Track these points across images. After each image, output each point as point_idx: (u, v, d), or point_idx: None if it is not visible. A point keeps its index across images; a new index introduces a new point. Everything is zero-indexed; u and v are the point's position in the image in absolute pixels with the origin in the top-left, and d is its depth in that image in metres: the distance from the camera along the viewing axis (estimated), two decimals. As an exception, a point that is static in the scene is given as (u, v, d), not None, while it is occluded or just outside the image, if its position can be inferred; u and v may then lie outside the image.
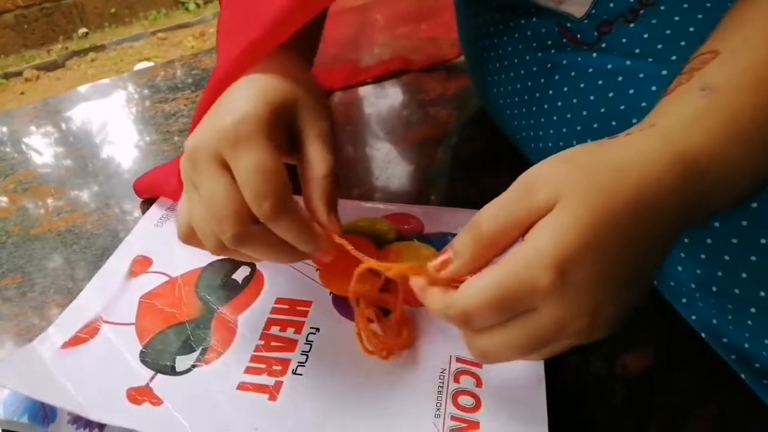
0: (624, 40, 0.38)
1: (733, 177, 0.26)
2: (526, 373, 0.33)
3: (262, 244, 0.31)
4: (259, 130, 0.29)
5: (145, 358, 0.35)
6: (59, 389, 0.32)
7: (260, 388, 0.33)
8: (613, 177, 0.25)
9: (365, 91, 0.69)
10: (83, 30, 3.11)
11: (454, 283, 0.28)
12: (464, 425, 0.31)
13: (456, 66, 0.74)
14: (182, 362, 0.34)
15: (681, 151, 0.26)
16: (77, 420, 0.32)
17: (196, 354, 0.35)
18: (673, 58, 0.36)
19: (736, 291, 0.34)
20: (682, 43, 0.36)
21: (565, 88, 0.41)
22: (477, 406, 0.32)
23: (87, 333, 0.36)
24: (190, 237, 0.33)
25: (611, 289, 0.25)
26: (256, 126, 0.29)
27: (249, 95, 0.31)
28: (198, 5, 3.35)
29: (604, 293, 0.25)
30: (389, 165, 0.57)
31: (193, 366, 0.34)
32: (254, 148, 0.29)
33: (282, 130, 0.32)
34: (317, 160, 0.32)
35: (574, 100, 0.40)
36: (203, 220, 0.31)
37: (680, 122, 0.26)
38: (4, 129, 0.64)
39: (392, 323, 0.36)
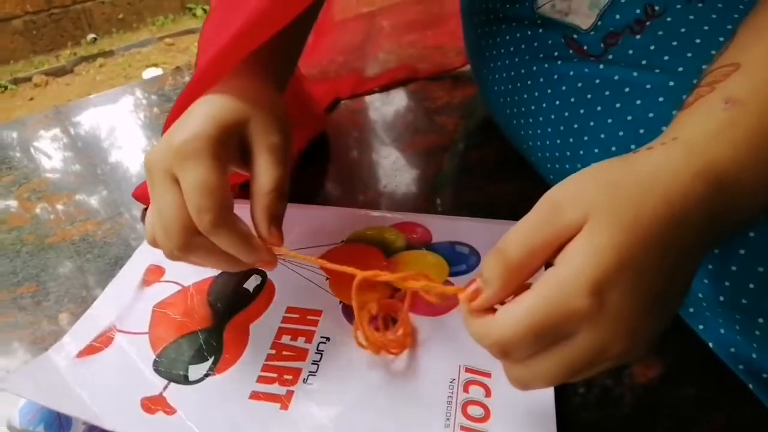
0: (630, 52, 0.39)
1: (757, 188, 0.26)
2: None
3: (205, 253, 0.33)
4: (206, 148, 0.32)
5: (158, 368, 0.35)
6: (74, 398, 0.33)
7: (272, 397, 0.33)
8: (639, 191, 0.25)
9: (372, 98, 0.70)
10: (92, 36, 3.13)
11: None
12: (473, 435, 0.31)
13: (462, 74, 0.75)
14: (195, 371, 0.35)
15: (705, 162, 0.26)
16: (92, 429, 0.32)
17: (208, 363, 0.35)
18: (680, 69, 0.36)
19: (744, 301, 0.34)
20: (689, 55, 0.37)
21: (572, 99, 0.41)
22: (486, 416, 0.32)
23: (101, 342, 0.37)
24: (153, 243, 0.35)
25: (648, 307, 0.24)
26: (203, 144, 0.32)
27: (202, 114, 0.33)
28: (205, 10, 3.37)
29: (642, 312, 0.24)
30: (396, 173, 0.57)
31: (206, 375, 0.35)
32: (199, 166, 0.31)
33: (233, 147, 0.34)
34: (263, 175, 0.34)
35: (581, 111, 0.40)
36: (158, 230, 0.33)
37: (703, 134, 0.27)
38: (17, 137, 0.65)
39: (396, 327, 0.36)
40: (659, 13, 0.39)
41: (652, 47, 0.38)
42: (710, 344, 0.37)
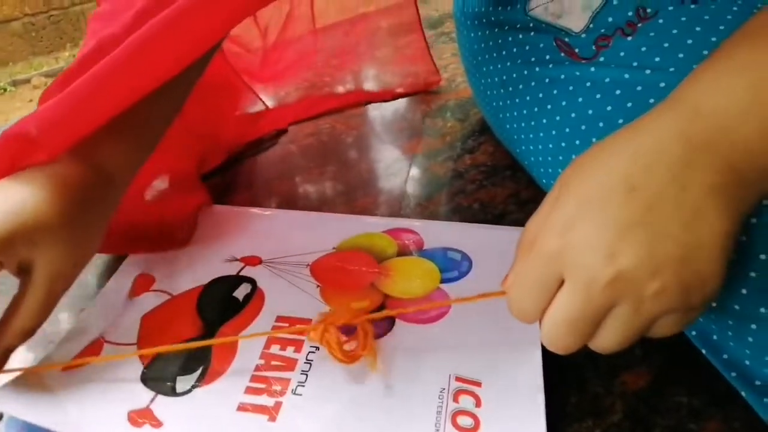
0: (622, 54, 0.38)
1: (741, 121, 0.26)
2: (525, 393, 0.34)
3: None
4: None
5: (146, 379, 0.35)
6: (60, 413, 0.33)
7: (260, 408, 0.33)
8: (600, 146, 0.28)
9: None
10: (90, 37, 3.13)
11: None
12: (462, 446, 0.31)
13: (457, 76, 0.74)
14: (183, 383, 0.35)
15: (679, 98, 0.27)
16: (79, 442, 0.32)
17: (196, 374, 0.35)
18: (672, 69, 0.36)
19: (736, 307, 0.34)
20: (680, 55, 0.36)
21: (563, 103, 0.41)
22: (476, 427, 0.32)
23: (88, 354, 0.37)
24: None
25: (651, 237, 0.25)
26: None
27: None
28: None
29: (645, 243, 0.25)
30: (389, 177, 0.57)
31: (194, 387, 0.34)
32: None
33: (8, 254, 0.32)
34: (26, 313, 0.33)
35: (573, 114, 0.40)
36: None
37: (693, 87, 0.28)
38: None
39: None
40: (651, 15, 0.38)
41: (643, 49, 0.37)
42: (703, 351, 0.37)
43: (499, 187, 0.54)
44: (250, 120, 0.65)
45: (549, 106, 0.42)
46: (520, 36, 0.45)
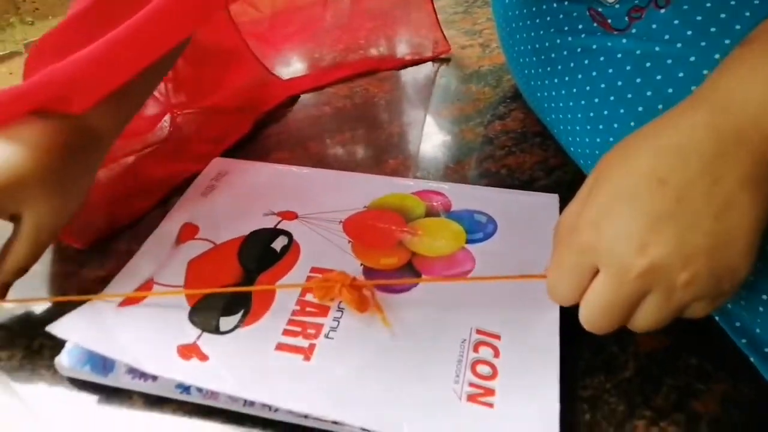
0: (654, 26, 0.39)
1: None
2: (541, 347, 0.36)
3: None
4: None
5: (192, 318, 0.38)
6: (117, 343, 0.36)
7: (295, 349, 0.36)
8: (634, 137, 0.28)
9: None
10: None
11: None
12: (481, 391, 0.34)
13: (491, 41, 0.75)
14: (226, 323, 0.38)
15: (709, 89, 0.27)
16: (133, 371, 0.36)
17: (238, 316, 0.38)
18: (703, 44, 0.37)
19: (750, 278, 0.35)
20: (713, 30, 0.37)
21: (594, 73, 0.42)
22: (494, 375, 0.35)
23: (140, 294, 0.40)
24: None
25: (681, 228, 0.26)
26: None
27: None
28: None
29: (675, 234, 0.26)
30: (420, 140, 0.58)
31: (236, 327, 0.38)
32: None
33: None
34: (19, 252, 0.37)
35: (602, 85, 0.41)
36: None
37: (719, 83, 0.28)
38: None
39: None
40: None
41: (676, 21, 0.38)
42: (716, 318, 0.38)
43: (528, 153, 0.55)
44: (259, 91, 0.65)
45: (579, 76, 0.43)
46: (554, 4, 0.45)
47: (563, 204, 0.46)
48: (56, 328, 0.37)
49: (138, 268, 0.42)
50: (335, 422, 0.33)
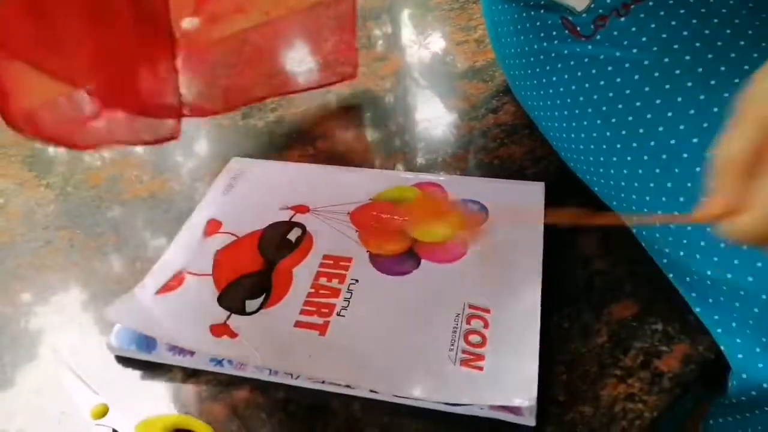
0: (615, 33, 0.43)
1: None
2: (525, 319, 0.41)
3: None
4: None
5: (221, 302, 0.44)
6: (157, 325, 0.42)
7: (312, 326, 0.42)
8: None
9: (398, 62, 0.76)
10: None
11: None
12: (472, 357, 0.39)
13: (485, 38, 0.79)
14: (251, 305, 0.43)
15: None
16: (172, 348, 0.41)
17: (261, 299, 0.44)
18: (654, 48, 0.41)
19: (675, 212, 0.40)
20: (664, 36, 0.41)
21: (566, 76, 0.46)
22: (483, 343, 0.40)
23: (175, 282, 0.46)
24: None
25: None
26: None
27: None
28: None
29: None
30: (420, 135, 0.63)
31: (259, 308, 0.43)
32: None
33: None
34: None
35: (573, 87, 0.46)
36: None
37: None
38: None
39: None
40: None
41: (633, 29, 0.42)
42: (670, 275, 0.43)
43: (518, 145, 0.60)
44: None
45: (554, 78, 0.48)
46: (532, 13, 0.50)
47: (548, 192, 0.51)
48: (105, 313, 0.43)
49: (172, 260, 0.48)
50: (348, 386, 0.38)
